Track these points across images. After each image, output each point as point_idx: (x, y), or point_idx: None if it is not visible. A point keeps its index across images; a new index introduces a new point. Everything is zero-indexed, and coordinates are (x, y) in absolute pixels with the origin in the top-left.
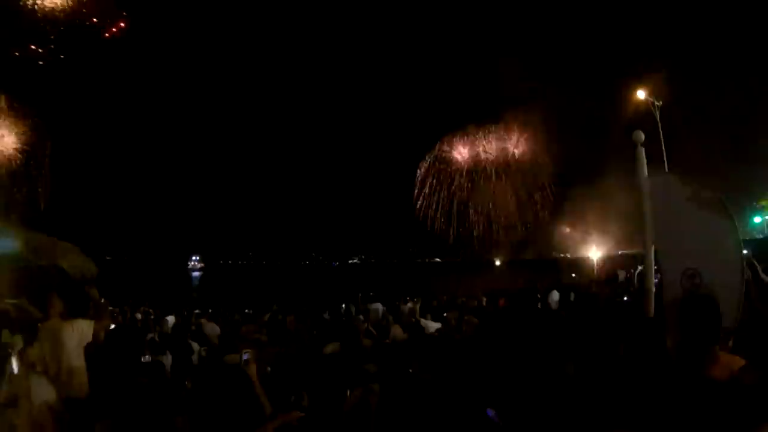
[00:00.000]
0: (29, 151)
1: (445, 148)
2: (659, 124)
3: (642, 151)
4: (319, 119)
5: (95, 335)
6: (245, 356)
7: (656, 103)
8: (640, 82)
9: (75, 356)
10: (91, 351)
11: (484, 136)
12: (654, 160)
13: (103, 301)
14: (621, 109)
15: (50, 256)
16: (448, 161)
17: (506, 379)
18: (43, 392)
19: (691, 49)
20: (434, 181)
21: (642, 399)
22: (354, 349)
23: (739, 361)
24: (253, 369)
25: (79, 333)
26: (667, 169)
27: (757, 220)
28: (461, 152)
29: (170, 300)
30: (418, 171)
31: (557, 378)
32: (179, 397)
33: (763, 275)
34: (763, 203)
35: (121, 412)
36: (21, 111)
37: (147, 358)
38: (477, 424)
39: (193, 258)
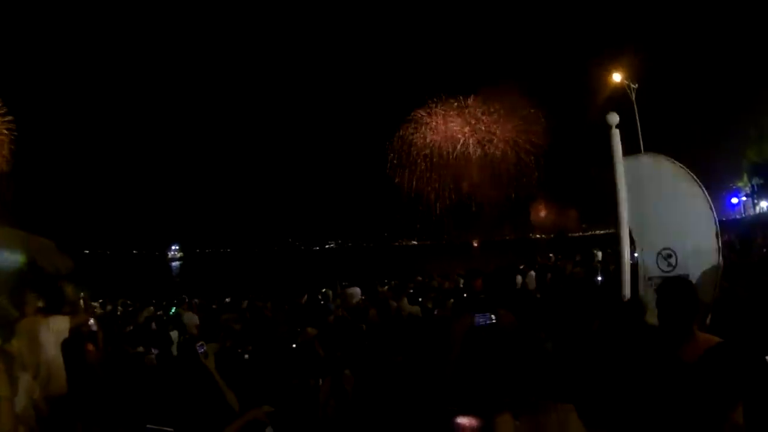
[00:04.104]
0: None
1: (419, 125)
2: (635, 107)
3: (617, 133)
4: (292, 108)
5: (72, 331)
6: (202, 349)
7: (632, 85)
8: (616, 64)
9: (52, 353)
10: (68, 347)
11: (458, 114)
12: (630, 143)
13: (82, 295)
14: (597, 91)
15: (25, 252)
16: (422, 138)
17: (485, 357)
18: (24, 389)
19: (668, 33)
20: (408, 160)
21: (617, 376)
22: (327, 335)
23: (717, 341)
24: (211, 361)
25: (56, 329)
26: (642, 152)
27: (734, 201)
28: (435, 129)
29: (151, 291)
30: (391, 151)
31: (537, 355)
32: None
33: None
34: (740, 184)
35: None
36: None
37: (141, 349)
38: (448, 408)
39: (173, 248)
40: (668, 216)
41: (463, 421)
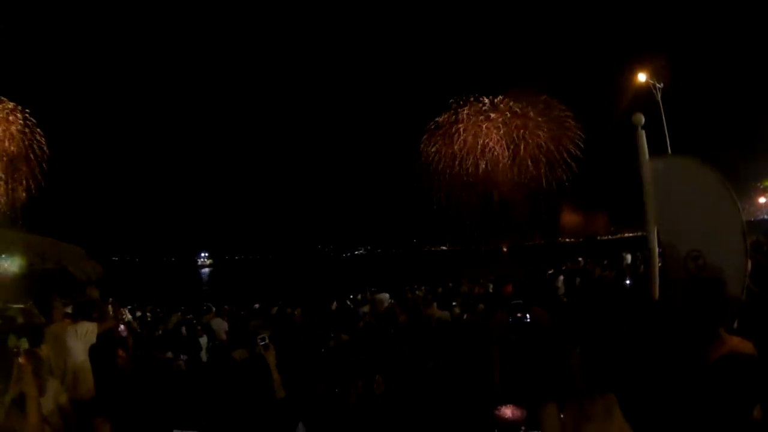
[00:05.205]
0: (27, 154)
1: (448, 130)
2: (661, 107)
3: (642, 134)
4: (321, 116)
5: (101, 337)
6: (263, 341)
7: (657, 85)
8: (642, 64)
9: (80, 359)
10: (97, 352)
11: (487, 118)
12: (656, 143)
13: (110, 301)
14: (623, 92)
15: (55, 260)
16: (451, 144)
17: (516, 363)
18: (51, 392)
19: (694, 31)
20: (438, 165)
21: (646, 380)
22: (356, 340)
23: (746, 344)
24: (271, 355)
25: (83, 335)
26: (669, 152)
27: (761, 200)
28: (464, 134)
29: (180, 298)
30: (420, 157)
31: (564, 361)
32: (190, 393)
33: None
34: (767, 184)
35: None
36: (16, 112)
37: (170, 354)
38: (480, 412)
39: (202, 254)
40: (696, 217)
41: (506, 412)
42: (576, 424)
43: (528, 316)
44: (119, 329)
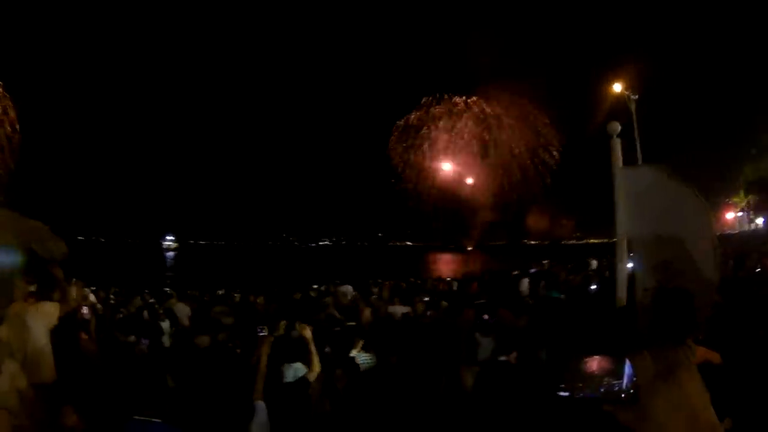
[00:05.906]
0: None
1: (420, 126)
2: (634, 118)
3: (617, 142)
4: (291, 104)
5: (62, 318)
6: (262, 332)
7: (632, 97)
8: (617, 75)
9: (41, 340)
10: (59, 335)
11: (459, 117)
12: (628, 155)
13: (74, 281)
14: (598, 101)
15: (21, 237)
16: (422, 139)
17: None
18: (8, 374)
19: (669, 44)
20: (408, 162)
21: None
22: (318, 332)
23: (714, 355)
24: (268, 344)
25: (44, 316)
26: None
27: (729, 215)
28: (435, 130)
29: (144, 280)
30: (390, 152)
31: (530, 363)
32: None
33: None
34: (736, 200)
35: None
36: None
37: (133, 338)
38: (442, 406)
39: (167, 237)
40: (667, 227)
41: (591, 364)
42: (670, 370)
43: (491, 316)
44: (82, 311)
